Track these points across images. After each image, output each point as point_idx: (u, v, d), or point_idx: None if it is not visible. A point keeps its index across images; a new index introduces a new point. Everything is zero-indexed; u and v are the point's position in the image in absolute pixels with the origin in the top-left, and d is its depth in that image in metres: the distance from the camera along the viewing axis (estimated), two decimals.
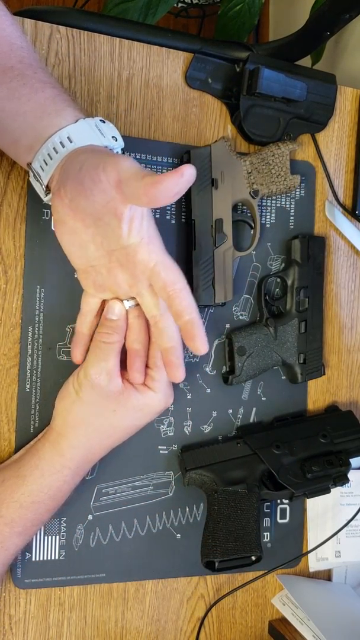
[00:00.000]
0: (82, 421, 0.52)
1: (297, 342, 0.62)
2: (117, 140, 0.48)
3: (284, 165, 0.60)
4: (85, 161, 0.44)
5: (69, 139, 0.46)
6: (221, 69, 0.61)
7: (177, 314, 0.48)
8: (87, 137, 0.46)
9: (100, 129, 0.48)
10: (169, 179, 0.40)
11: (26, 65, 0.47)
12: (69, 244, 0.49)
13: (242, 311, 0.63)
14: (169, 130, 0.61)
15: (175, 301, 0.47)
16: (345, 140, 0.67)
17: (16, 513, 0.50)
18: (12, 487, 0.50)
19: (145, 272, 0.48)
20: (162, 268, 0.47)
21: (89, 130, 0.47)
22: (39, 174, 0.47)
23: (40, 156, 0.46)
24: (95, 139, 0.47)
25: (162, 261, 0.47)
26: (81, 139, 0.46)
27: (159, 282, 0.47)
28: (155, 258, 0.47)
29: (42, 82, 0.47)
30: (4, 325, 0.55)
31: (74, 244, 0.49)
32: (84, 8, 1.34)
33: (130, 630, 0.60)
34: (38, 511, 0.51)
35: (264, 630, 0.64)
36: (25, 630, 0.56)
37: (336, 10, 0.59)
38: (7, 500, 0.50)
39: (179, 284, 0.47)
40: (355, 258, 0.68)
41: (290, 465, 0.60)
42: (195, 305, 0.48)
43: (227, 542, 0.56)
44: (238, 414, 0.63)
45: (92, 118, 0.48)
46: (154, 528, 0.60)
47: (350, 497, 0.65)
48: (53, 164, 0.46)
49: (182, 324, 0.48)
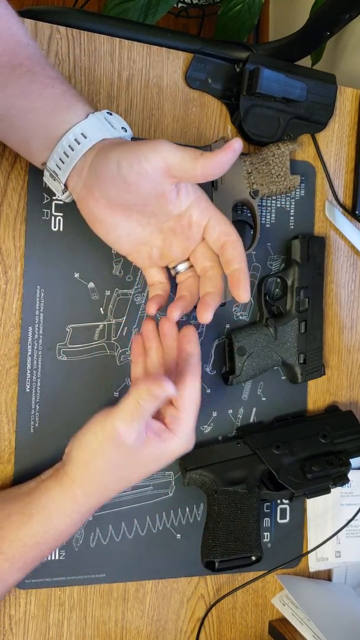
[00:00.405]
0: (102, 472, 0.49)
1: (297, 342, 0.62)
2: (127, 131, 0.49)
3: (284, 166, 0.60)
4: (121, 157, 0.44)
5: (83, 135, 0.46)
6: (221, 69, 0.61)
7: (227, 262, 0.49)
8: (99, 132, 0.46)
9: (110, 122, 0.48)
10: (224, 155, 0.44)
11: (34, 62, 0.46)
12: (113, 237, 0.50)
13: (242, 311, 0.63)
14: (169, 130, 0.61)
15: (229, 250, 0.49)
16: (345, 140, 0.67)
17: (18, 551, 0.48)
18: (17, 525, 0.48)
19: (200, 231, 0.50)
20: (216, 222, 0.49)
21: (100, 124, 0.47)
22: (56, 174, 0.47)
23: (56, 155, 0.46)
24: (107, 132, 0.47)
25: (214, 216, 0.49)
26: (95, 134, 0.46)
27: (214, 235, 0.50)
28: (208, 214, 0.49)
29: (51, 78, 0.46)
30: (3, 326, 0.55)
31: (120, 236, 0.50)
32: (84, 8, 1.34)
33: (130, 631, 0.60)
34: (41, 550, 0.49)
35: (264, 631, 0.64)
36: (26, 631, 0.56)
37: (336, 10, 0.58)
38: (10, 537, 0.48)
39: (233, 236, 0.49)
40: (355, 258, 0.68)
41: (290, 465, 0.60)
42: (245, 257, 0.50)
43: (227, 542, 0.56)
44: (238, 414, 0.63)
45: (99, 112, 0.48)
46: (154, 528, 0.60)
47: (350, 497, 0.65)
48: (70, 162, 0.46)
49: (231, 272, 0.49)
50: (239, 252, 0.49)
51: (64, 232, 0.57)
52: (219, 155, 0.44)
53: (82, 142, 0.46)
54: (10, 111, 0.46)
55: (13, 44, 0.46)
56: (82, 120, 0.46)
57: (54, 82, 0.46)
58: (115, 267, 0.58)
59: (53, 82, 0.46)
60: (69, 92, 0.47)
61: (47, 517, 0.48)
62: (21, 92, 0.45)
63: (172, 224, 0.49)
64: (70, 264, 0.57)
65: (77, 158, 0.46)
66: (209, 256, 0.51)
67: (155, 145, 0.44)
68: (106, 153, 0.45)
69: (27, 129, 0.46)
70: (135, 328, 0.59)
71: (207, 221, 0.49)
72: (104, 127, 0.47)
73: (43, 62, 0.47)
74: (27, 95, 0.45)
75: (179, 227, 0.50)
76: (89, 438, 0.48)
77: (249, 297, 0.49)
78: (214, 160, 0.44)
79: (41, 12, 0.59)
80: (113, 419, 0.47)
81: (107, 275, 0.58)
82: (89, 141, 0.46)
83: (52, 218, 0.56)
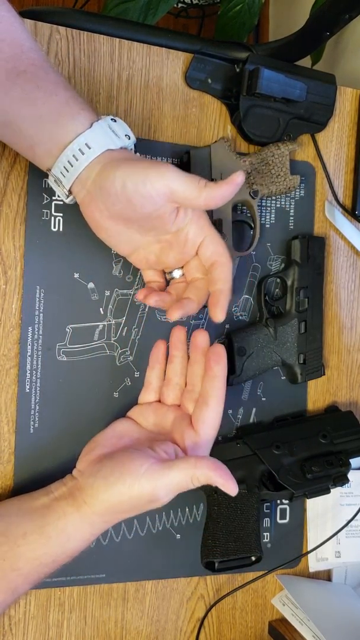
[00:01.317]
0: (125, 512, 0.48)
1: (297, 343, 0.62)
2: (130, 138, 0.50)
3: (284, 166, 0.60)
4: (127, 178, 0.45)
5: (87, 146, 0.46)
6: (221, 69, 0.61)
7: (213, 281, 0.51)
8: (103, 142, 0.47)
9: (114, 130, 0.48)
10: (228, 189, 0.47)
11: (38, 67, 0.47)
12: (113, 242, 0.52)
13: (242, 311, 0.63)
14: (169, 130, 0.61)
15: (217, 270, 0.51)
16: (345, 141, 0.67)
17: (35, 569, 0.48)
18: (35, 546, 0.47)
19: (194, 247, 0.52)
20: (210, 241, 0.51)
21: (104, 134, 0.47)
22: (60, 180, 0.48)
23: (60, 163, 0.47)
24: (111, 142, 0.48)
25: (210, 234, 0.51)
26: (99, 145, 0.47)
27: (207, 253, 0.51)
28: (204, 233, 0.51)
29: (55, 84, 0.47)
30: (3, 326, 0.55)
31: (119, 241, 0.51)
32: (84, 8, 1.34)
33: (130, 631, 0.60)
34: (55, 566, 0.49)
35: (263, 631, 0.64)
36: (25, 631, 0.56)
37: (336, 10, 0.58)
38: (27, 555, 0.47)
39: (223, 257, 0.51)
40: (355, 258, 0.68)
41: (290, 465, 0.59)
42: (231, 280, 0.51)
43: (226, 542, 0.56)
44: (238, 414, 0.63)
45: (103, 118, 0.48)
46: (154, 528, 0.60)
47: (350, 498, 0.65)
48: (74, 172, 0.47)
49: (213, 291, 0.51)
50: (225, 274, 0.51)
51: (64, 232, 0.57)
52: (222, 188, 0.47)
53: (86, 153, 0.46)
54: (15, 118, 0.46)
55: (17, 48, 0.46)
56: (87, 129, 0.47)
57: (58, 88, 0.47)
58: (115, 268, 0.58)
59: (57, 88, 0.47)
60: (73, 99, 0.47)
61: (65, 541, 0.48)
62: (26, 100, 0.46)
63: (169, 237, 0.51)
64: (70, 264, 0.57)
65: (81, 169, 0.47)
66: (201, 269, 0.53)
67: (161, 170, 0.46)
68: (113, 170, 0.46)
69: (32, 136, 0.47)
70: (135, 328, 0.59)
71: (203, 239, 0.51)
72: (107, 137, 0.48)
73: (46, 67, 0.47)
74: (32, 102, 0.46)
75: (175, 242, 0.51)
76: (120, 488, 0.45)
77: (224, 317, 0.51)
78: (218, 192, 0.47)
79: (41, 12, 0.59)
80: (155, 483, 0.45)
81: (107, 275, 0.58)
82: (93, 152, 0.46)
83: (51, 218, 0.56)
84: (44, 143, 0.47)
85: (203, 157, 0.58)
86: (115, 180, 0.46)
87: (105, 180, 0.46)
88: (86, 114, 0.47)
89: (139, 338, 0.59)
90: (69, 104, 0.47)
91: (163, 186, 0.46)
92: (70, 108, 0.47)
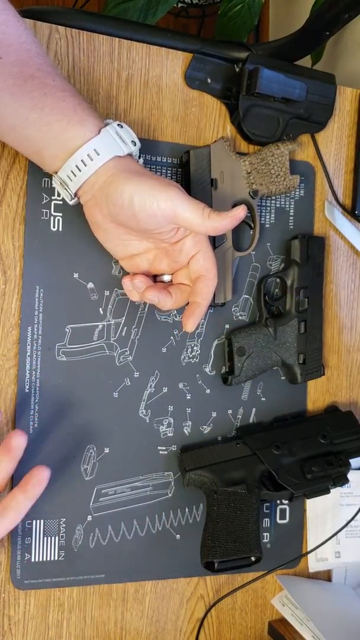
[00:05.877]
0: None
1: (297, 343, 0.62)
2: (136, 144, 0.51)
3: (284, 166, 0.60)
4: (135, 194, 0.47)
5: (95, 152, 0.47)
6: (220, 69, 0.61)
7: (194, 293, 0.53)
8: (111, 149, 0.48)
9: (121, 136, 0.49)
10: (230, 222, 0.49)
11: (45, 72, 0.47)
12: (110, 244, 0.53)
13: (242, 311, 0.63)
14: (169, 130, 0.61)
15: (201, 284, 0.53)
16: (345, 141, 0.67)
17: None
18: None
19: (187, 258, 0.53)
20: (202, 256, 0.53)
21: (112, 140, 0.48)
22: (66, 184, 0.49)
23: (68, 168, 0.48)
24: (118, 149, 0.48)
25: (204, 249, 0.53)
26: (107, 152, 0.48)
27: (196, 266, 0.53)
28: (199, 247, 0.52)
29: (63, 90, 0.47)
30: (3, 326, 0.55)
31: (117, 244, 0.53)
32: (83, 8, 1.34)
33: (129, 631, 0.60)
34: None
35: (263, 631, 0.64)
36: (25, 631, 0.56)
37: (336, 10, 0.58)
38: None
39: (210, 274, 0.53)
40: (355, 258, 0.68)
41: (289, 465, 0.59)
42: (211, 298, 0.53)
43: (226, 542, 0.56)
44: (237, 414, 0.63)
45: (110, 124, 0.49)
46: (154, 529, 0.60)
47: (350, 498, 0.65)
48: (81, 177, 0.48)
49: (191, 302, 0.53)
50: (207, 290, 0.53)
51: (63, 232, 0.57)
52: (225, 221, 0.49)
53: (95, 159, 0.47)
54: (23, 123, 0.46)
55: (24, 53, 0.47)
56: (95, 136, 0.47)
57: (65, 94, 0.47)
58: (115, 267, 0.58)
59: (64, 94, 0.47)
60: (80, 105, 0.48)
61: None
62: (34, 105, 0.46)
63: (166, 246, 0.53)
64: (69, 264, 0.57)
65: (89, 174, 0.48)
66: (188, 277, 0.54)
67: (169, 192, 0.47)
68: (122, 184, 0.47)
69: (39, 140, 0.47)
70: (134, 328, 0.59)
71: (196, 252, 0.52)
72: (115, 144, 0.48)
73: (53, 72, 0.48)
74: (40, 108, 0.46)
75: (170, 251, 0.53)
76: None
77: (193, 329, 0.53)
78: (220, 224, 0.49)
79: (41, 12, 0.59)
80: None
81: (107, 275, 0.58)
82: (101, 159, 0.47)
83: (51, 218, 0.56)
84: (51, 148, 0.48)
85: (203, 157, 0.58)
86: (123, 193, 0.47)
87: (114, 192, 0.47)
88: (93, 120, 0.48)
89: (138, 338, 0.59)
90: (77, 110, 0.47)
91: (169, 208, 0.47)
92: (77, 115, 0.47)
